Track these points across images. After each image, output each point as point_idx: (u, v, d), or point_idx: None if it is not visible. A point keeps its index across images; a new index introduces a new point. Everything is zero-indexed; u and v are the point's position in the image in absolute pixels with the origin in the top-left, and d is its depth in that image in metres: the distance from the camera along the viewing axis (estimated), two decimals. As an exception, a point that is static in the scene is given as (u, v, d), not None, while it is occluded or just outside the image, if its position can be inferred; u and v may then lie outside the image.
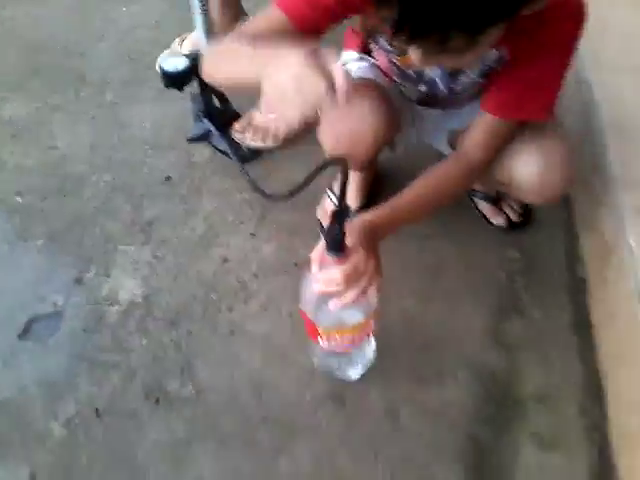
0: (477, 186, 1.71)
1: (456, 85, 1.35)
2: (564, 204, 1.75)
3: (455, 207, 1.70)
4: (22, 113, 2.12)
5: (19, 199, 1.85)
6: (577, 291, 1.57)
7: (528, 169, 1.37)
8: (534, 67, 1.18)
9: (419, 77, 1.35)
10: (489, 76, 1.28)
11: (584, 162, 1.66)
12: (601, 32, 1.78)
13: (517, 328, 1.51)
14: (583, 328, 1.50)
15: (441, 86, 1.36)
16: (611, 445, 1.30)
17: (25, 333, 1.55)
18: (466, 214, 1.74)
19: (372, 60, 1.48)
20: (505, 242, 1.64)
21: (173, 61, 1.75)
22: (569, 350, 1.46)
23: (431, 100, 1.45)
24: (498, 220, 1.68)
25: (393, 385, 1.42)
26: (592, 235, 1.59)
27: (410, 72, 1.36)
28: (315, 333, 1.28)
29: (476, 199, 1.73)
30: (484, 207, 1.71)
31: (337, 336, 1.25)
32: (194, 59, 1.75)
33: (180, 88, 1.80)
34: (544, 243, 1.65)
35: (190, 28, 2.01)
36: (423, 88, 1.38)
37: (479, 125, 1.30)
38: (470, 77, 1.31)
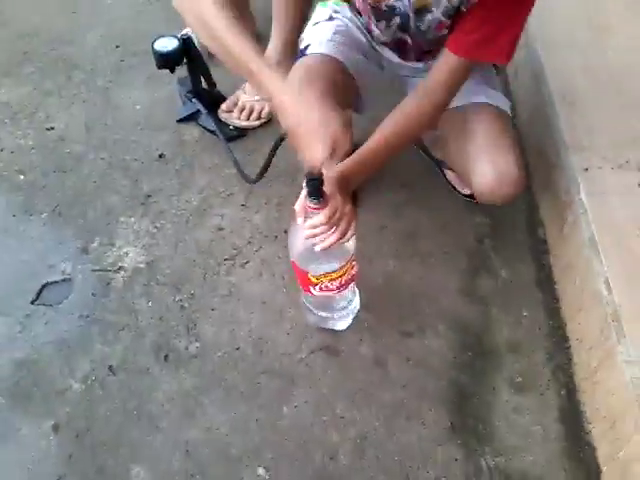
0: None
1: (422, 23, 1.31)
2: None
3: (426, 178, 1.74)
4: (17, 97, 2.04)
5: (21, 177, 1.80)
6: (539, 251, 1.60)
7: (484, 185, 1.40)
8: (499, 10, 1.16)
9: (392, 10, 1.31)
10: (453, 17, 1.26)
11: (538, 130, 1.70)
12: (548, 14, 1.85)
13: (487, 285, 1.53)
14: (546, 284, 1.53)
15: (411, 20, 1.32)
16: (576, 385, 1.35)
17: (38, 298, 1.52)
18: (436, 184, 1.74)
19: (343, 18, 1.48)
20: (473, 208, 1.65)
21: (164, 42, 1.72)
22: (534, 303, 1.50)
23: (404, 41, 1.41)
24: (465, 189, 1.69)
25: (380, 338, 1.44)
26: (549, 197, 1.63)
27: (383, 6, 1.32)
28: (306, 282, 1.28)
29: (445, 170, 1.73)
30: (452, 178, 1.71)
31: (327, 281, 1.26)
32: (184, 40, 1.72)
33: (172, 69, 1.77)
34: (508, 209, 1.65)
35: (170, 20, 1.99)
36: (397, 20, 1.33)
37: (442, 65, 1.26)
38: (435, 16, 1.28)
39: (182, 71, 1.83)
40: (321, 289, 1.28)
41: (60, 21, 2.33)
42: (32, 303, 1.51)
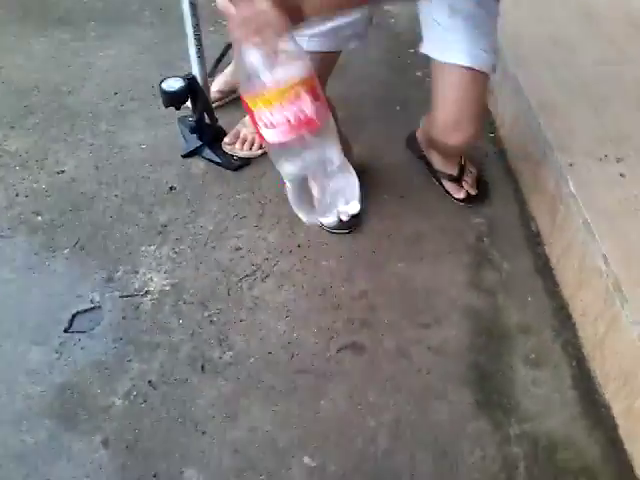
0: (441, 167, 1.85)
1: None
2: (510, 176, 1.95)
3: (423, 188, 1.87)
4: (25, 146, 2.12)
5: (39, 218, 1.86)
6: (534, 243, 1.74)
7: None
8: None
9: None
10: None
11: (520, 135, 1.87)
12: (518, 39, 2.05)
13: (492, 277, 1.66)
14: (545, 271, 1.66)
15: None
16: (585, 355, 1.47)
17: (70, 327, 1.58)
18: (433, 193, 1.88)
19: None
20: (469, 212, 1.79)
21: (170, 82, 1.84)
22: (537, 289, 1.62)
23: None
24: (460, 195, 1.82)
25: (400, 331, 1.54)
26: (537, 193, 1.78)
27: None
28: (253, 119, 1.09)
29: (441, 179, 1.86)
30: (448, 186, 1.85)
31: (266, 111, 1.05)
32: (189, 80, 1.83)
33: (177, 106, 1.88)
34: (500, 209, 1.81)
35: (162, 67, 2.18)
36: None
37: None
38: None
39: (182, 111, 1.95)
40: (266, 128, 1.07)
41: (57, 75, 2.42)
42: (65, 331, 1.56)
